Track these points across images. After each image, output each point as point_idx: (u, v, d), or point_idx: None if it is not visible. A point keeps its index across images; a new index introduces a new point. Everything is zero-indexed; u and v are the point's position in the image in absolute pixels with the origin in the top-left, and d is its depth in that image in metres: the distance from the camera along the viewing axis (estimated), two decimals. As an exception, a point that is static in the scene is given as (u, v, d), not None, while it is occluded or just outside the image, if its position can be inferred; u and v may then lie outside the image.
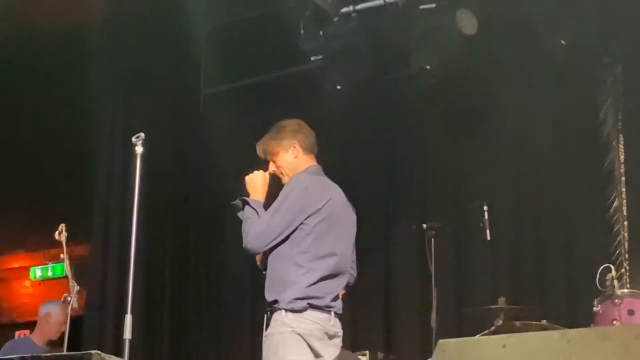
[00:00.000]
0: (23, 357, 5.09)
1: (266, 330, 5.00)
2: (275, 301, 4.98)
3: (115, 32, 8.90)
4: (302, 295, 4.97)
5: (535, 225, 7.96)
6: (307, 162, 5.29)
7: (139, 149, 5.14)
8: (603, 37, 7.69)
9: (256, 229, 5.02)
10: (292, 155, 5.27)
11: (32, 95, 9.33)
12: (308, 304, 4.95)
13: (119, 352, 4.77)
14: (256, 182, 5.22)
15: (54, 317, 7.49)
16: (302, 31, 8.18)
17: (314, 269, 5.02)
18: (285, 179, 5.26)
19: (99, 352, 4.05)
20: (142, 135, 5.13)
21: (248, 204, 5.10)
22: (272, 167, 5.29)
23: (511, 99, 8.09)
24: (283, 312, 4.96)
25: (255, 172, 5.22)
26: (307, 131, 5.37)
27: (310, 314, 4.96)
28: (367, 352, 7.31)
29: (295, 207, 5.06)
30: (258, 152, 5.32)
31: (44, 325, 7.60)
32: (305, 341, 4.93)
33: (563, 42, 7.49)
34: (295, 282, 5.00)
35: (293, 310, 4.95)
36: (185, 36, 8.73)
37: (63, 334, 6.81)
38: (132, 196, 5.09)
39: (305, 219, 5.04)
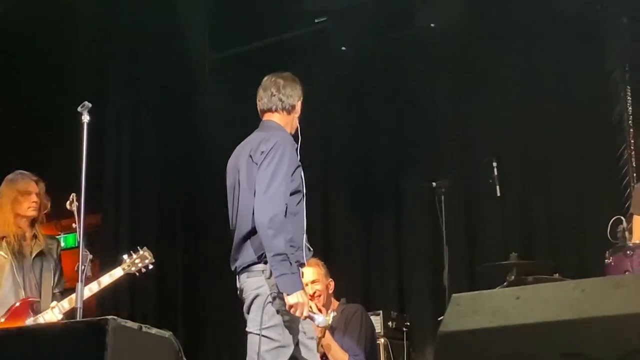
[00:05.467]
0: (36, 326, 5.12)
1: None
2: None
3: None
4: None
5: (544, 179, 7.97)
6: None
7: (85, 118, 5.12)
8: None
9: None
10: None
11: (50, 63, 9.34)
12: None
13: (133, 319, 4.80)
14: None
15: None
16: (306, -8, 8.20)
17: None
18: None
19: (115, 317, 4.06)
20: (87, 104, 5.12)
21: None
22: None
23: (517, 54, 8.07)
24: None
25: None
26: None
27: None
28: (380, 311, 7.36)
29: None
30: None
31: None
32: None
33: (568, -7, 7.49)
34: None
35: None
36: (188, 1, 8.72)
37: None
38: (80, 165, 5.07)
39: None
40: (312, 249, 5.04)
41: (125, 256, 6.09)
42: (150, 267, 6.11)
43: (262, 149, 4.92)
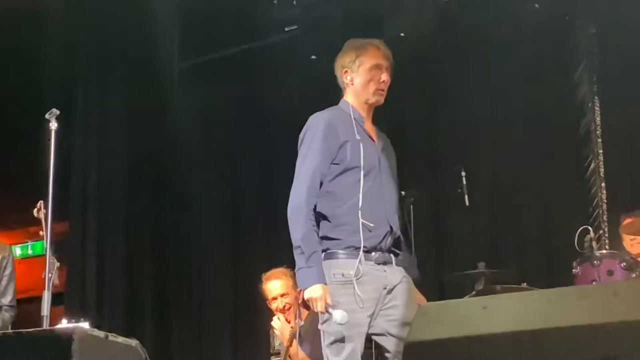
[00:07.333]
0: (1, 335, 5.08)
1: None
2: None
3: (85, 6, 8.85)
4: None
5: (513, 189, 8.00)
6: None
7: (53, 125, 5.09)
8: (576, -1, 7.74)
9: None
10: None
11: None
12: None
13: (100, 327, 4.79)
14: None
15: None
16: (275, 1, 8.17)
17: None
18: None
19: (82, 326, 4.05)
20: (54, 111, 5.09)
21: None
22: None
23: (485, 64, 8.10)
24: None
25: None
26: None
27: None
28: (349, 320, 7.33)
29: None
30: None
31: None
32: None
33: (536, 5, 7.52)
34: None
35: None
36: (157, 9, 8.68)
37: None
38: (48, 172, 5.04)
39: None
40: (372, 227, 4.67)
41: None
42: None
43: (300, 136, 4.79)
